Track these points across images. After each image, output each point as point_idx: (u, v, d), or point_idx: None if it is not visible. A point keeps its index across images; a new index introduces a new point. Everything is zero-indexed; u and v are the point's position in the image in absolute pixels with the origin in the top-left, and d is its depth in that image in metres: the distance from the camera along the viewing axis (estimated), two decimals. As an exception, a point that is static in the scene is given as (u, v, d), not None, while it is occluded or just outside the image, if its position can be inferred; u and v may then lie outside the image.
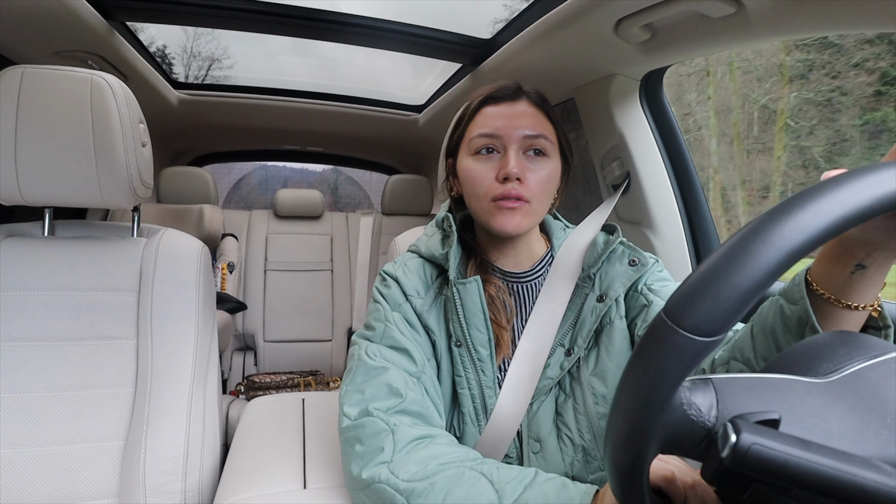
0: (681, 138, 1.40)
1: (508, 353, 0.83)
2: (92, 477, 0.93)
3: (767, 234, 0.34)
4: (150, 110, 1.20)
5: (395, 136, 2.84)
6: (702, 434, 0.38)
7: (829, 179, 0.35)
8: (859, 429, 0.36)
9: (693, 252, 1.39)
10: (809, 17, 0.87)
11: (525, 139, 0.80)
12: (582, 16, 1.10)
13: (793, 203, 0.35)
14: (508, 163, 0.77)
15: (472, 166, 0.81)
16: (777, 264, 0.33)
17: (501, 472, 0.63)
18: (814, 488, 0.32)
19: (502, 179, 0.78)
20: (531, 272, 0.89)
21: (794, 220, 0.34)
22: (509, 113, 0.81)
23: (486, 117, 0.82)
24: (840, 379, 0.39)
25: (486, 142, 0.80)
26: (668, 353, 0.34)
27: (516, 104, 0.82)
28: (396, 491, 0.63)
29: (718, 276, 0.34)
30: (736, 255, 0.34)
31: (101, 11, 1.38)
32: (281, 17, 1.50)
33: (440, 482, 0.62)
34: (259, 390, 2.16)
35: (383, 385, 0.74)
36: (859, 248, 0.51)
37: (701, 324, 0.33)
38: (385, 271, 0.87)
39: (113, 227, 1.13)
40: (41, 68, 0.96)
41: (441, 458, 0.65)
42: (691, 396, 0.38)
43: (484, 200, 0.80)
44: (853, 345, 0.43)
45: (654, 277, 0.84)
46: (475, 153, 0.81)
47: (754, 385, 0.40)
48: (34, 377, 0.95)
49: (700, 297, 0.34)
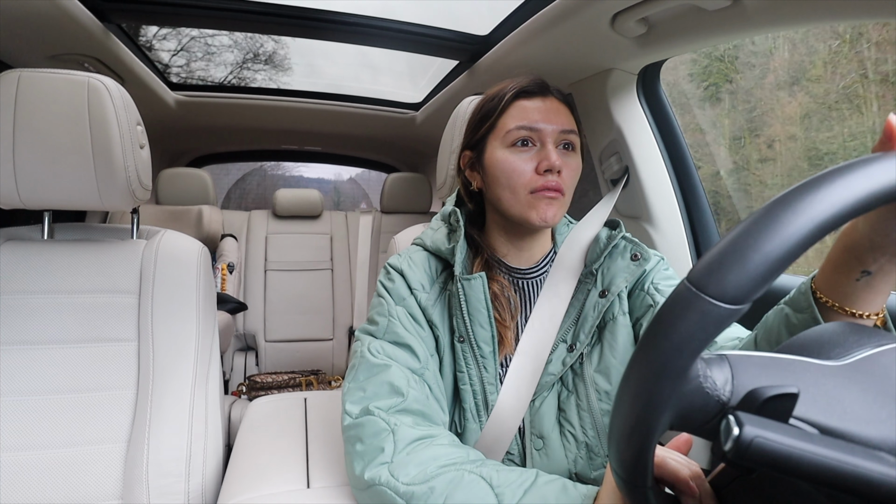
0: (679, 132, 1.40)
1: (511, 349, 0.83)
2: (95, 479, 0.93)
3: (798, 205, 0.33)
4: (147, 112, 1.20)
5: (393, 135, 2.84)
6: (715, 409, 0.38)
7: (862, 158, 0.35)
8: (873, 410, 0.36)
9: (693, 245, 1.39)
10: (805, 8, 0.87)
11: (561, 134, 0.81)
12: (578, 11, 1.10)
13: (824, 177, 0.34)
14: (550, 155, 0.78)
15: (510, 157, 0.80)
16: (807, 234, 0.33)
17: (501, 474, 0.62)
18: (817, 480, 0.32)
19: (543, 171, 0.78)
20: (535, 268, 0.89)
21: (825, 193, 0.33)
22: (544, 107, 0.81)
23: (522, 110, 0.81)
24: (853, 363, 0.39)
25: (524, 134, 0.80)
26: (691, 319, 0.33)
27: (547, 99, 0.82)
28: (396, 494, 0.63)
29: (747, 242, 0.33)
30: (766, 224, 0.33)
31: (97, 14, 1.37)
32: (276, 16, 1.49)
33: (439, 486, 0.62)
34: (261, 390, 2.16)
35: (385, 383, 0.74)
36: (867, 253, 0.50)
37: (727, 290, 0.33)
38: (390, 264, 0.87)
39: (112, 229, 1.13)
40: (38, 72, 0.96)
41: (441, 460, 0.65)
42: (707, 369, 0.38)
43: (521, 192, 0.79)
44: (863, 333, 0.43)
45: (661, 276, 0.84)
46: (511, 145, 0.81)
47: (769, 363, 0.40)
48: (35, 380, 0.95)
49: (727, 263, 0.33)
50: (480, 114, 0.87)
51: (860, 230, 0.51)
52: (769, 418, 0.35)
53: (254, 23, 1.53)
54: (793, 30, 0.97)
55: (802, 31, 1.62)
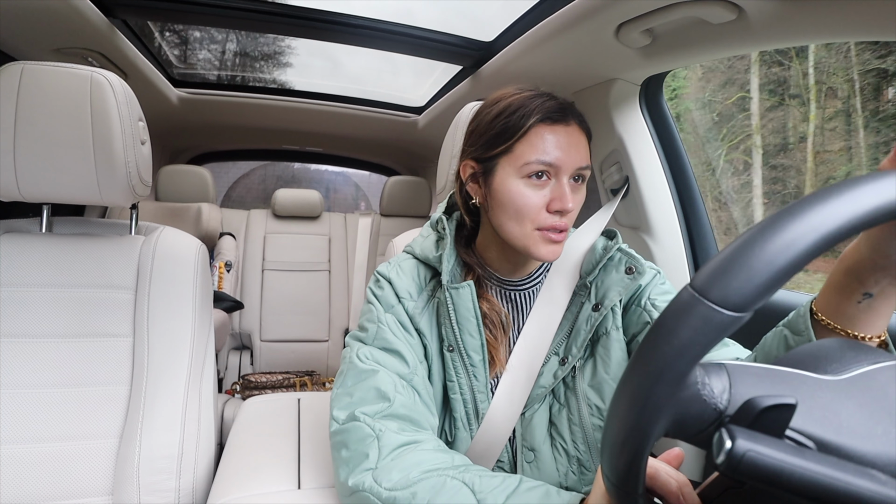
0: (680, 143, 1.40)
1: (503, 366, 0.82)
2: (86, 474, 0.93)
3: (806, 215, 0.33)
4: (149, 108, 1.20)
5: (395, 138, 2.84)
6: (712, 416, 0.38)
7: (871, 173, 0.35)
8: (869, 426, 0.36)
9: (691, 257, 1.39)
10: (810, 24, 0.88)
11: (577, 170, 0.77)
12: (583, 20, 1.10)
13: (832, 190, 0.34)
14: (565, 197, 0.75)
15: (523, 191, 0.76)
16: (813, 245, 0.33)
17: (484, 480, 0.62)
18: (808, 496, 0.32)
19: (554, 211, 0.75)
20: (528, 279, 0.88)
21: (833, 205, 0.33)
22: (567, 142, 0.76)
23: (544, 142, 0.75)
24: (850, 378, 0.39)
25: (542, 168, 0.75)
26: (693, 324, 0.33)
27: (569, 128, 0.77)
28: (379, 500, 0.63)
29: (752, 250, 0.33)
30: (772, 232, 0.33)
31: (102, 9, 1.38)
32: (282, 16, 1.50)
33: (421, 491, 0.62)
34: (255, 390, 2.16)
35: (372, 389, 0.73)
36: (869, 274, 0.50)
37: (729, 296, 0.33)
38: (379, 272, 0.86)
39: (111, 224, 1.13)
40: (41, 65, 0.96)
41: (424, 465, 0.65)
42: (705, 377, 0.38)
43: (528, 226, 0.76)
44: (860, 349, 0.43)
45: (658, 291, 0.82)
46: (527, 176, 0.76)
47: (766, 374, 0.40)
48: (29, 374, 0.94)
49: (730, 269, 0.33)
50: (496, 129, 0.78)
51: (862, 252, 0.51)
52: (766, 428, 0.35)
53: (259, 22, 1.53)
54: (796, 44, 0.97)
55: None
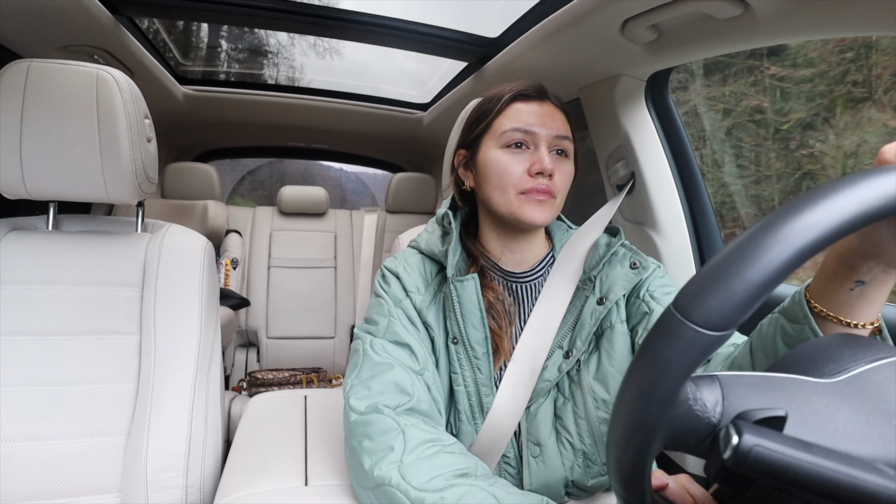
0: (686, 139, 1.39)
1: (508, 356, 0.83)
2: (94, 472, 0.93)
3: (780, 230, 0.33)
4: (155, 105, 1.20)
5: (400, 135, 2.84)
6: (706, 430, 0.38)
7: (844, 178, 0.35)
8: (864, 429, 0.36)
9: (697, 253, 1.38)
10: (816, 19, 0.87)
11: (555, 139, 0.82)
12: (588, 16, 1.10)
13: (806, 200, 0.34)
14: (543, 159, 0.79)
15: (503, 158, 0.81)
16: (789, 260, 0.33)
17: (512, 496, 0.62)
18: (815, 491, 0.32)
19: (534, 174, 0.79)
20: (532, 272, 0.89)
21: (807, 217, 0.33)
22: (541, 112, 0.82)
23: (519, 112, 0.82)
24: (845, 380, 0.39)
25: (519, 136, 0.81)
26: (676, 346, 0.34)
27: (544, 104, 0.83)
28: (407, 497, 0.63)
29: (729, 269, 0.33)
30: (747, 250, 0.33)
31: (108, 6, 1.38)
32: (288, 13, 1.50)
33: (450, 497, 0.62)
34: (261, 387, 2.16)
35: (390, 382, 0.74)
36: (860, 262, 0.50)
37: (710, 317, 0.33)
38: (386, 267, 0.87)
39: (117, 221, 1.13)
40: (47, 62, 0.96)
41: (452, 468, 0.66)
42: (697, 392, 0.38)
43: (510, 192, 0.81)
44: (858, 346, 0.42)
45: (657, 284, 0.84)
46: (505, 146, 0.82)
47: (760, 383, 0.40)
48: (37, 371, 0.95)
49: (710, 290, 0.34)
50: (477, 114, 0.88)
51: (852, 240, 0.50)
52: None
53: (265, 19, 1.54)
54: (802, 39, 0.97)
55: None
